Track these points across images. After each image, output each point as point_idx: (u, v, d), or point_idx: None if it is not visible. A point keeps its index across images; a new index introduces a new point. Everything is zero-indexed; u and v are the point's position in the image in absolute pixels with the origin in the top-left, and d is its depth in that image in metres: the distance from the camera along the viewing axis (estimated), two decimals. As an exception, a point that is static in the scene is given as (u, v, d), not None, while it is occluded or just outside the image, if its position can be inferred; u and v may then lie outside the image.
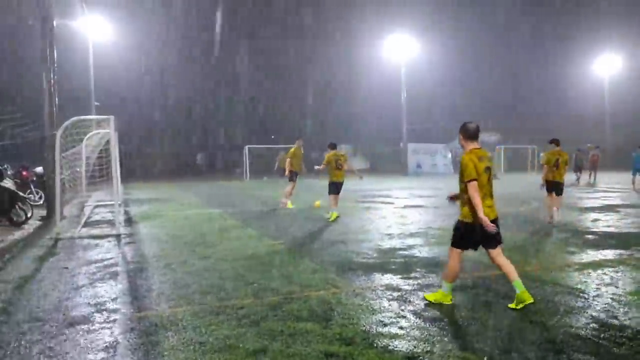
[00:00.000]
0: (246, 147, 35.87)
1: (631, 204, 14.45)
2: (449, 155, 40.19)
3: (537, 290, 5.49)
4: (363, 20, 45.96)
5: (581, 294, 5.34)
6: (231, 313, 4.84)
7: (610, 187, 22.25)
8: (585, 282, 5.86)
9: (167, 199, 18.57)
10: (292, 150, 14.85)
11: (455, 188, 5.27)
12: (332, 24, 47.38)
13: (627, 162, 29.35)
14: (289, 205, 14.37)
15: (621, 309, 4.81)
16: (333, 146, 12.46)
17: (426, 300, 5.13)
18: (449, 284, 5.05)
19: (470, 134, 5.03)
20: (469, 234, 4.90)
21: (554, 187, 10.71)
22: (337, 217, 11.68)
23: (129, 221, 11.97)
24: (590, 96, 47.18)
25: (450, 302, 5.00)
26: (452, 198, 5.38)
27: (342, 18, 47.70)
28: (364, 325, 4.44)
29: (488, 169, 4.92)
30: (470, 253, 5.20)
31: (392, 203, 15.81)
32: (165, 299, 5.37)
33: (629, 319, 4.55)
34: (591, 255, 7.37)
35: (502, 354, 3.79)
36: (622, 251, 7.61)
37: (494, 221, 4.81)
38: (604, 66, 45.22)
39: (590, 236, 9.09)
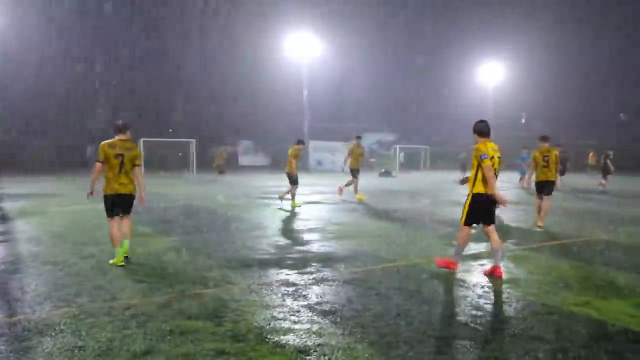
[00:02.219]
0: (141, 140, 34.26)
1: (511, 201, 15.75)
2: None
3: (424, 281, 5.79)
4: (266, 18, 45.75)
5: (462, 284, 5.72)
6: (116, 314, 4.57)
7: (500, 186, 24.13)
8: (466, 272, 6.28)
9: (50, 193, 17.19)
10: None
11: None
12: (234, 20, 46.63)
13: (510, 163, 32.03)
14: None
15: (496, 297, 5.22)
16: (301, 142, 13.84)
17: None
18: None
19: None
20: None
21: (544, 186, 10.16)
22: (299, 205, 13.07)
23: (3, 218, 10.91)
24: (476, 101, 50.82)
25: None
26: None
27: (244, 14, 47.11)
28: (258, 322, 4.40)
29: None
30: (364, 246, 5.34)
31: (291, 199, 15.89)
32: (42, 301, 4.94)
33: (502, 305, 4.94)
34: (473, 247, 7.91)
35: (391, 344, 3.93)
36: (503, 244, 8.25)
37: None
38: (488, 74, 48.91)
39: (473, 230, 9.74)
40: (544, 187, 10.21)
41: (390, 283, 5.69)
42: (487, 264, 6.69)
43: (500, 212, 12.60)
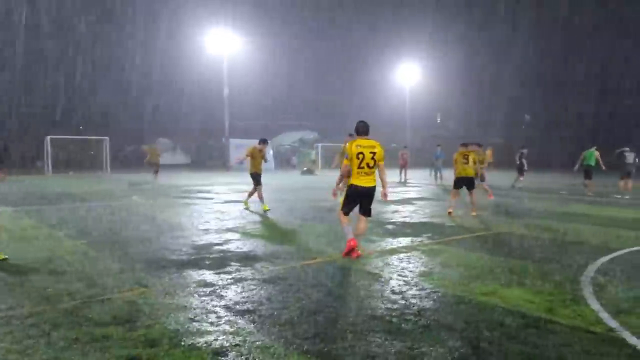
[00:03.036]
0: (47, 138, 32.15)
1: (425, 197, 16.44)
2: (271, 152, 41.17)
3: (343, 277, 5.88)
4: (184, 13, 44.47)
5: (379, 278, 5.87)
6: (17, 324, 4.24)
7: (410, 182, 25.04)
8: (383, 267, 6.45)
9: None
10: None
11: (277, 183, 5.38)
12: (151, 15, 44.92)
13: (425, 161, 33.22)
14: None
15: (410, 290, 5.40)
16: (263, 141, 12.90)
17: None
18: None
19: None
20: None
21: (464, 182, 11.77)
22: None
23: None
24: (394, 100, 52.52)
25: None
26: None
27: (161, 9, 45.53)
28: (172, 325, 4.26)
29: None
30: (284, 244, 5.32)
31: (211, 198, 15.60)
32: None
33: (416, 297, 5.13)
34: (389, 242, 8.17)
35: (308, 341, 3.95)
36: (414, 238, 8.58)
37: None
38: (406, 75, 50.68)
39: (390, 226, 10.07)
40: (464, 183, 11.85)
41: (309, 280, 5.73)
42: (405, 259, 6.93)
43: (417, 209, 13.15)
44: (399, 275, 6.04)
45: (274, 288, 5.40)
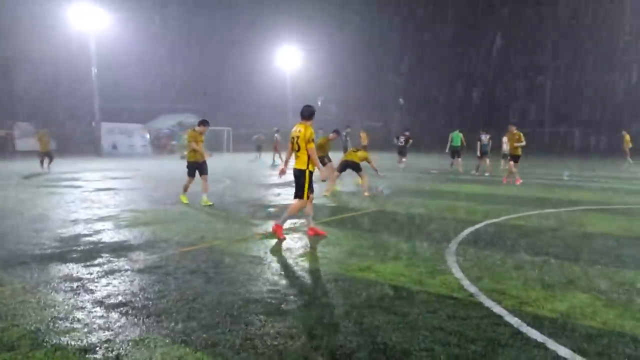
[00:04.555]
0: None
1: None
2: (147, 136, 39.16)
3: (223, 262, 5.79)
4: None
5: (260, 261, 5.87)
6: None
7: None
8: (264, 250, 6.46)
9: None
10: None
11: (156, 169, 5.08)
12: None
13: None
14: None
15: (291, 271, 5.47)
16: (204, 122, 10.99)
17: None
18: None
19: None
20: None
21: (348, 165, 12.50)
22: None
23: None
24: (275, 84, 52.49)
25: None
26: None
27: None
28: (33, 325, 3.89)
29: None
30: (162, 232, 5.07)
31: (80, 187, 14.45)
32: None
33: (296, 277, 5.21)
34: (271, 226, 8.19)
35: (186, 330, 3.83)
36: (295, 220, 8.68)
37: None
38: (286, 58, 50.79)
39: (272, 209, 10.11)
40: (348, 166, 12.54)
41: (188, 267, 5.55)
42: (286, 241, 7.00)
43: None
44: (280, 257, 6.09)
45: (150, 278, 5.16)
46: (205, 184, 10.79)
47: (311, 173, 7.12)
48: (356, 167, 12.52)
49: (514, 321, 4.01)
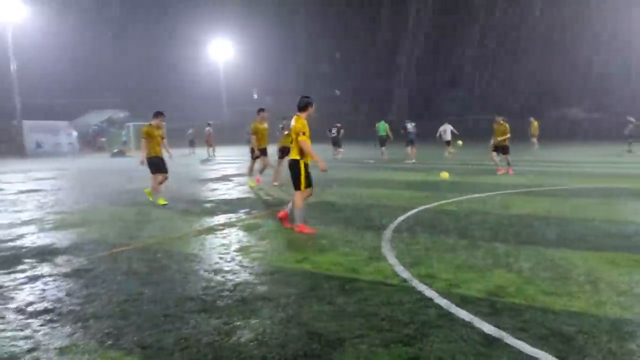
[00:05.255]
0: None
1: (244, 173, 16.53)
2: (74, 134, 37.36)
3: (157, 262, 5.63)
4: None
5: (195, 259, 5.76)
6: None
7: (229, 159, 24.99)
8: (199, 247, 6.34)
9: None
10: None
11: (80, 167, 4.83)
12: None
13: (244, 137, 33.34)
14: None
15: (226, 266, 5.41)
16: (158, 114, 10.17)
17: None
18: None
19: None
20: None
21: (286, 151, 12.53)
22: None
23: None
24: (208, 77, 51.46)
25: None
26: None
27: None
28: (-54, 340, 3.63)
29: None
30: (91, 234, 4.86)
31: (1, 189, 13.59)
32: None
33: (232, 273, 5.15)
34: (207, 221, 8.06)
35: (116, 333, 3.71)
36: (232, 215, 8.60)
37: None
38: (218, 51, 49.89)
39: (207, 204, 9.94)
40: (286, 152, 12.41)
41: (119, 269, 5.37)
42: (222, 236, 6.90)
43: (236, 185, 13.18)
44: (216, 253, 6.00)
45: (77, 282, 4.94)
46: (163, 181, 10.21)
47: (307, 165, 7.01)
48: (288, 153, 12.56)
49: (444, 303, 4.16)
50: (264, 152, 12.61)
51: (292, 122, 6.97)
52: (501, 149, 14.99)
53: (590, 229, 6.99)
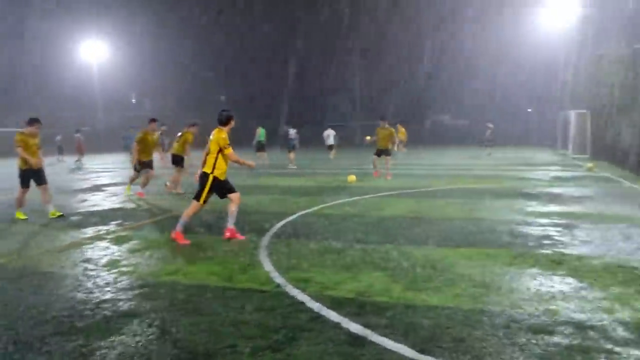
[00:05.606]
0: None
1: (119, 182, 15.61)
2: None
3: (12, 282, 5.10)
4: None
5: (54, 276, 5.31)
6: None
7: (103, 167, 23.46)
8: (61, 263, 5.85)
9: None
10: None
11: None
12: None
13: (118, 144, 31.54)
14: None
15: (89, 283, 5.04)
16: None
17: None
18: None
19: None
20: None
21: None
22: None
23: None
24: (81, 80, 47.94)
25: None
26: None
27: None
28: None
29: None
30: None
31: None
32: None
33: (95, 290, 4.82)
34: (72, 236, 7.47)
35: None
36: (101, 227, 8.06)
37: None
38: (91, 52, 46.69)
39: (74, 217, 9.21)
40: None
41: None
42: (88, 251, 6.44)
43: (109, 196, 12.39)
44: (80, 269, 5.58)
45: None
46: (45, 194, 9.14)
47: (215, 178, 6.72)
48: (177, 161, 12.46)
49: (315, 306, 4.26)
50: (149, 164, 11.86)
51: (212, 135, 6.79)
52: (383, 152, 15.39)
53: (452, 227, 7.59)
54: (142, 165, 11.76)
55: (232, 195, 6.91)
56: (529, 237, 6.77)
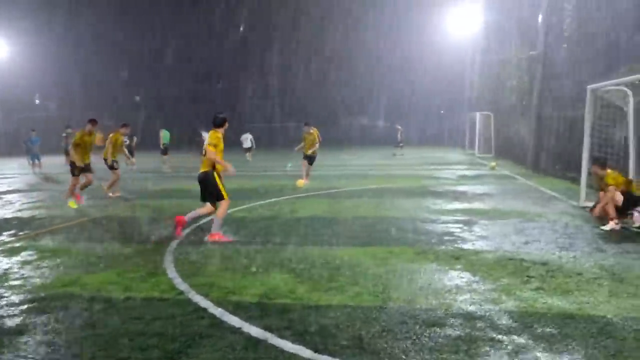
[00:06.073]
0: None
1: (17, 189, 14.52)
2: None
3: None
4: None
5: None
6: None
7: (4, 173, 21.75)
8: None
9: None
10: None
11: None
12: None
13: (21, 148, 29.44)
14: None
15: (-27, 299, 4.67)
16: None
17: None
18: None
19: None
20: None
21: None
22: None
23: None
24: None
25: None
26: None
27: None
28: None
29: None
30: None
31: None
32: None
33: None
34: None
35: None
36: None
37: None
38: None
39: (-38, 228, 8.46)
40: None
41: None
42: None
43: (3, 204, 11.50)
44: (-38, 285, 5.13)
45: None
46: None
47: (219, 175, 7.02)
48: (112, 165, 12.21)
49: (217, 311, 4.20)
50: (87, 168, 10.98)
51: (208, 137, 6.95)
52: (308, 158, 14.87)
53: (361, 226, 7.78)
54: (80, 170, 10.90)
55: (209, 204, 7.10)
56: (432, 234, 7.10)
